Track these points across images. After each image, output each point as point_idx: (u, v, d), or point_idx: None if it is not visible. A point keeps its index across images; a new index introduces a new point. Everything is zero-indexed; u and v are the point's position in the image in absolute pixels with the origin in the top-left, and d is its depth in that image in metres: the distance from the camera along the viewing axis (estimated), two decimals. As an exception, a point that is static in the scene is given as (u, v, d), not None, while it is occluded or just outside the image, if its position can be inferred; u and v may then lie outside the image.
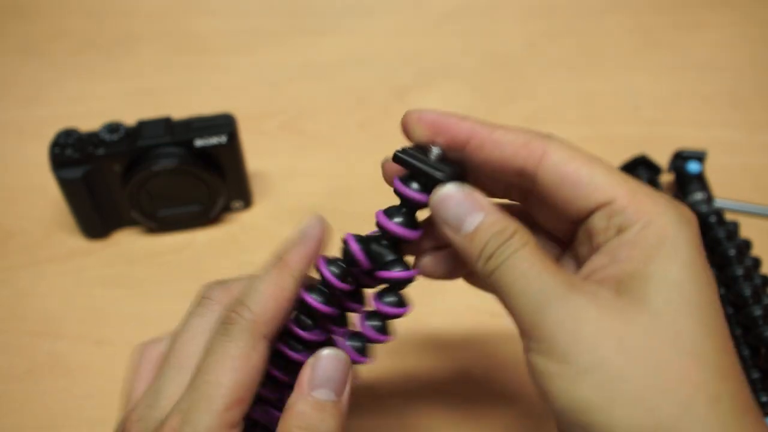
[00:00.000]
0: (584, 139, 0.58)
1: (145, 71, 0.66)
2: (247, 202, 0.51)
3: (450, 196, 0.26)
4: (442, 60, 0.67)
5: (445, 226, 0.26)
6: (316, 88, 0.63)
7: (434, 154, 0.27)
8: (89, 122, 0.50)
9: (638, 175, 0.50)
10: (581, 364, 0.22)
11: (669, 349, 0.22)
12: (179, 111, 0.49)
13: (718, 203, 0.49)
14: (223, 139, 0.46)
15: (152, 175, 0.46)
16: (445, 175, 0.26)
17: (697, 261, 0.24)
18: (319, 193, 0.53)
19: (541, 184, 0.26)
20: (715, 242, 0.45)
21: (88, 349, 0.43)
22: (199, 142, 0.46)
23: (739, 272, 0.43)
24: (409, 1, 0.74)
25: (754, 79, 0.63)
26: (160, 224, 0.49)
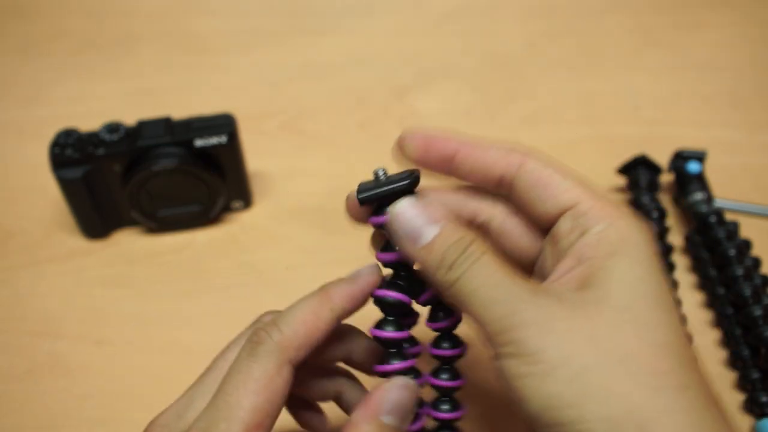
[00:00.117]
0: (584, 139, 0.58)
1: (145, 71, 0.66)
2: (247, 202, 0.51)
3: (406, 210, 0.26)
4: (442, 60, 0.67)
5: (404, 240, 0.26)
6: (316, 88, 0.63)
7: (382, 174, 0.28)
8: (89, 122, 0.50)
9: (638, 175, 0.50)
10: (551, 361, 0.22)
11: (636, 341, 0.22)
12: (179, 111, 0.49)
13: (718, 203, 0.49)
14: (223, 139, 0.46)
15: (152, 175, 0.46)
16: (407, 182, 0.27)
17: (655, 261, 0.25)
18: (319, 193, 0.53)
19: (517, 189, 0.28)
20: (715, 242, 0.45)
21: (88, 349, 0.43)
22: (199, 142, 0.46)
23: (739, 272, 0.43)
24: (409, 1, 0.74)
25: (754, 79, 0.63)
26: (160, 224, 0.49)
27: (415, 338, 0.30)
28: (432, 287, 0.28)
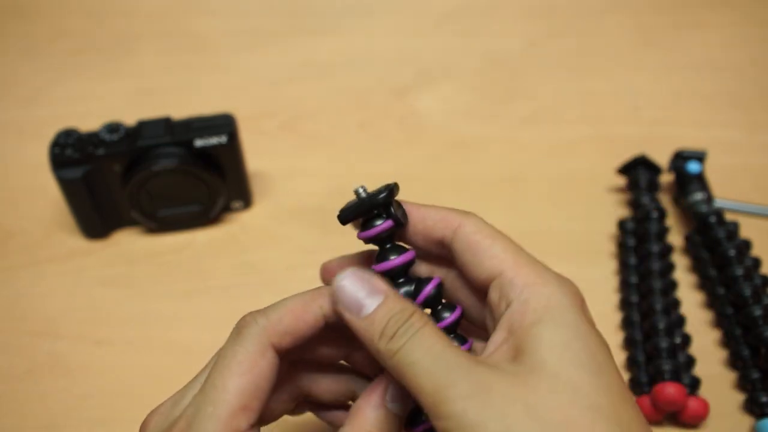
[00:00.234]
0: (584, 139, 0.58)
1: (145, 71, 0.66)
2: (247, 202, 0.51)
3: (348, 282, 0.26)
4: (442, 60, 0.67)
5: (345, 311, 0.26)
6: (316, 88, 0.63)
7: (362, 191, 0.29)
8: (89, 122, 0.50)
9: (638, 175, 0.50)
10: None
11: (571, 406, 0.23)
12: (179, 111, 0.49)
13: (718, 203, 0.49)
14: (223, 139, 0.46)
15: (152, 175, 0.46)
16: (384, 194, 0.28)
17: (583, 323, 0.25)
18: (319, 193, 0.53)
19: (456, 253, 0.29)
20: (715, 242, 0.45)
21: (88, 349, 0.43)
22: (199, 142, 0.46)
23: (739, 272, 0.43)
24: (409, 1, 0.74)
25: (754, 79, 0.63)
26: (160, 224, 0.49)
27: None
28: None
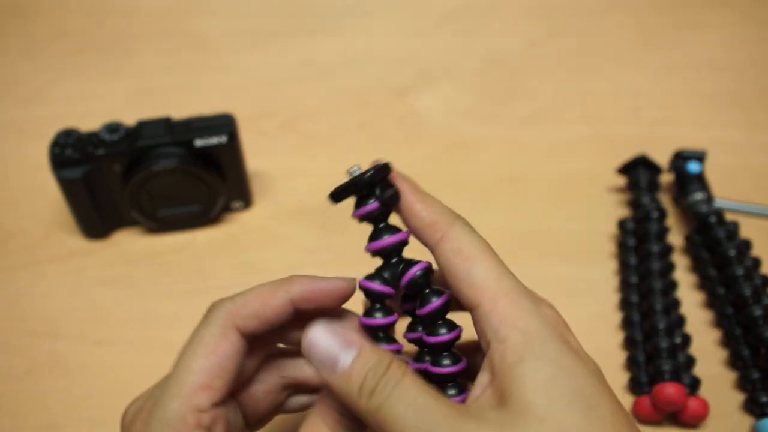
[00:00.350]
0: (584, 139, 0.58)
1: (145, 71, 0.66)
2: (247, 202, 0.51)
3: (319, 336, 0.25)
4: (442, 60, 0.67)
5: (320, 368, 0.25)
6: (316, 88, 0.63)
7: (355, 170, 0.29)
8: (89, 122, 0.50)
9: (638, 175, 0.50)
10: None
11: None
12: (179, 111, 0.49)
13: (718, 203, 0.49)
14: (223, 139, 0.46)
15: (152, 175, 0.46)
16: (369, 173, 0.28)
17: (565, 354, 0.24)
18: (319, 193, 0.53)
19: (439, 262, 0.27)
20: (715, 242, 0.45)
21: (88, 349, 0.43)
22: (199, 142, 0.46)
23: (739, 272, 0.43)
24: (409, 1, 0.74)
25: (754, 79, 0.63)
26: (160, 224, 0.49)
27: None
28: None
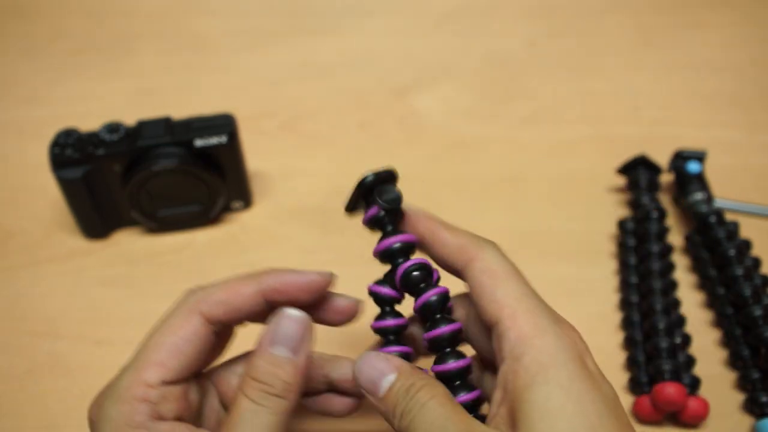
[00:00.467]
0: (584, 139, 0.58)
1: (145, 71, 0.66)
2: (247, 202, 0.51)
3: (363, 365, 0.27)
4: (442, 60, 0.67)
5: (366, 393, 0.27)
6: (316, 88, 0.63)
7: (369, 177, 0.30)
8: (89, 122, 0.50)
9: (638, 175, 0.50)
10: None
11: None
12: (179, 111, 0.49)
13: (718, 203, 0.49)
14: (223, 139, 0.46)
15: (152, 175, 0.46)
16: (367, 178, 0.29)
17: (579, 380, 0.24)
18: (319, 193, 0.53)
19: (468, 287, 0.28)
20: (715, 242, 0.45)
21: (88, 349, 0.43)
22: (199, 142, 0.46)
23: (739, 272, 0.42)
24: (409, 1, 0.74)
25: (754, 79, 0.63)
26: (160, 224, 0.49)
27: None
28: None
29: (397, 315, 0.30)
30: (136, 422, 0.26)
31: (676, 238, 0.48)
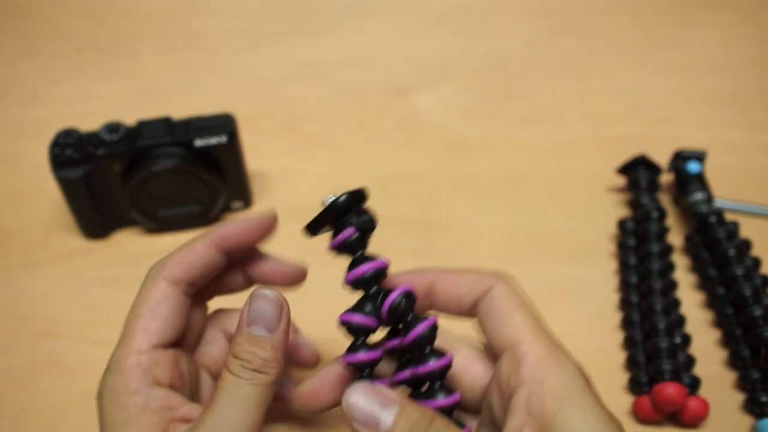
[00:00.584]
0: (584, 139, 0.58)
1: (145, 71, 0.66)
2: (247, 202, 0.51)
3: (358, 398, 0.26)
4: (442, 60, 0.67)
5: (362, 428, 0.25)
6: (316, 88, 0.63)
7: (327, 198, 0.30)
8: (89, 122, 0.50)
9: (638, 175, 0.50)
10: None
11: None
12: (179, 111, 0.49)
13: (718, 203, 0.49)
14: (223, 139, 0.46)
15: (152, 175, 0.46)
16: (336, 199, 0.29)
17: (600, 408, 0.25)
18: (319, 193, 0.52)
19: (478, 312, 0.29)
20: (715, 242, 0.45)
21: (88, 349, 0.43)
22: (199, 142, 0.46)
23: (739, 272, 0.42)
24: (409, 1, 0.74)
25: (755, 79, 0.63)
26: (160, 224, 0.49)
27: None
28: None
29: (371, 346, 0.28)
30: (132, 388, 0.28)
31: (676, 238, 0.48)
